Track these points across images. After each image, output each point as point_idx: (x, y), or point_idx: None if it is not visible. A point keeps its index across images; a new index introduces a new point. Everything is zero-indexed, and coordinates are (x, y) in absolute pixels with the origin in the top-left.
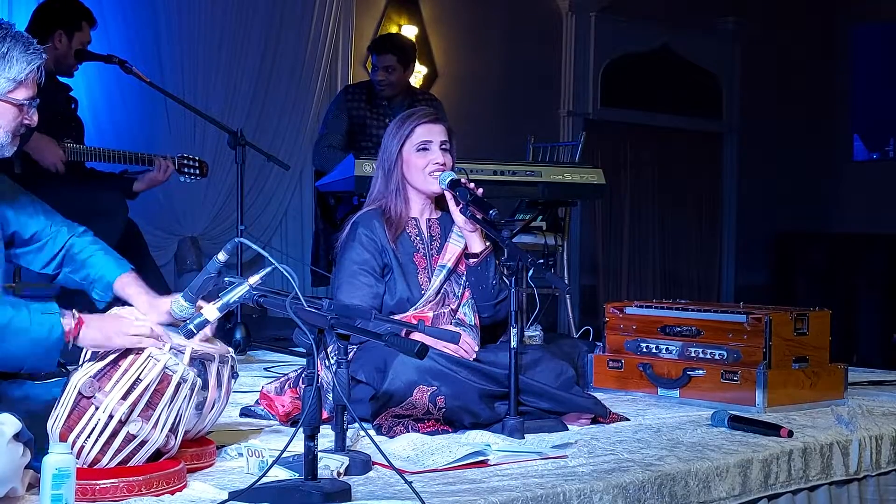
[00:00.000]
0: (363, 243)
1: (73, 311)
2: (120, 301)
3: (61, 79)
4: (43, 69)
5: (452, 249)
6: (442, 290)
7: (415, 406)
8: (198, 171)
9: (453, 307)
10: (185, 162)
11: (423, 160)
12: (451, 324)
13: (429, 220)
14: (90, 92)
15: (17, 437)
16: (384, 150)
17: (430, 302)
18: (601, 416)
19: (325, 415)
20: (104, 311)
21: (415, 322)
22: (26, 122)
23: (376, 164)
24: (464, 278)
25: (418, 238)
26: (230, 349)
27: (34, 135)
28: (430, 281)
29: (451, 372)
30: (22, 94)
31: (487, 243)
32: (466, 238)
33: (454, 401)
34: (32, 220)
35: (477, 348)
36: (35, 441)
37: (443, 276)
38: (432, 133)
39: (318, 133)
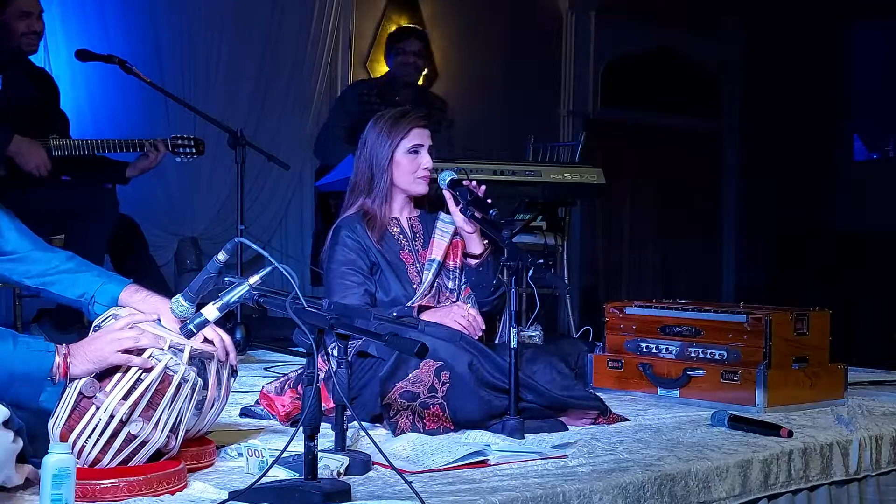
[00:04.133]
0: (347, 245)
1: (60, 346)
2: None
3: (54, 73)
4: None
5: (439, 244)
6: (435, 285)
7: (420, 381)
8: (194, 150)
9: (452, 300)
10: (179, 142)
11: (413, 163)
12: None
13: (409, 217)
14: (90, 91)
15: (7, 424)
16: (372, 148)
17: (425, 296)
18: (602, 412)
19: (330, 403)
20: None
21: (415, 321)
22: None
23: (358, 156)
24: (454, 272)
25: (402, 236)
26: None
27: (15, 138)
28: (420, 276)
29: (458, 349)
30: None
31: (486, 243)
32: (466, 239)
33: (458, 378)
34: (12, 234)
35: (482, 329)
36: (37, 439)
37: (434, 269)
38: (423, 136)
39: (321, 127)
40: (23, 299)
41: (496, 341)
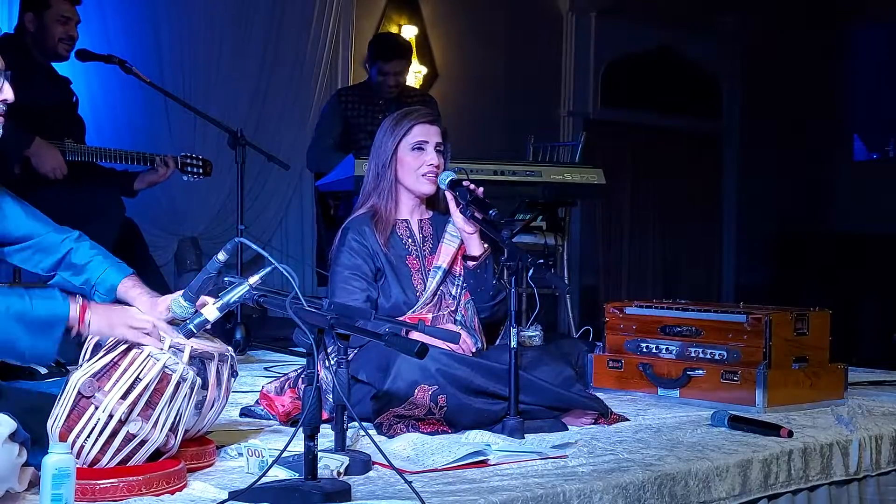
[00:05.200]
0: (354, 249)
1: (77, 296)
2: (120, 304)
3: (62, 74)
4: None
5: (447, 250)
6: (438, 292)
7: (416, 405)
8: (201, 171)
9: (451, 308)
10: (188, 161)
11: (417, 161)
12: (451, 324)
13: (420, 220)
14: (90, 92)
15: (12, 436)
16: (378, 147)
17: (427, 304)
18: (603, 414)
19: (324, 415)
20: None
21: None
22: (1, 98)
23: (369, 159)
24: (459, 279)
25: (410, 240)
26: (229, 347)
27: (36, 140)
28: (424, 283)
29: (452, 370)
30: None
31: (486, 245)
32: (465, 241)
33: (456, 399)
34: (22, 220)
35: (475, 348)
36: (37, 438)
37: (439, 277)
38: (429, 133)
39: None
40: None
41: (497, 342)
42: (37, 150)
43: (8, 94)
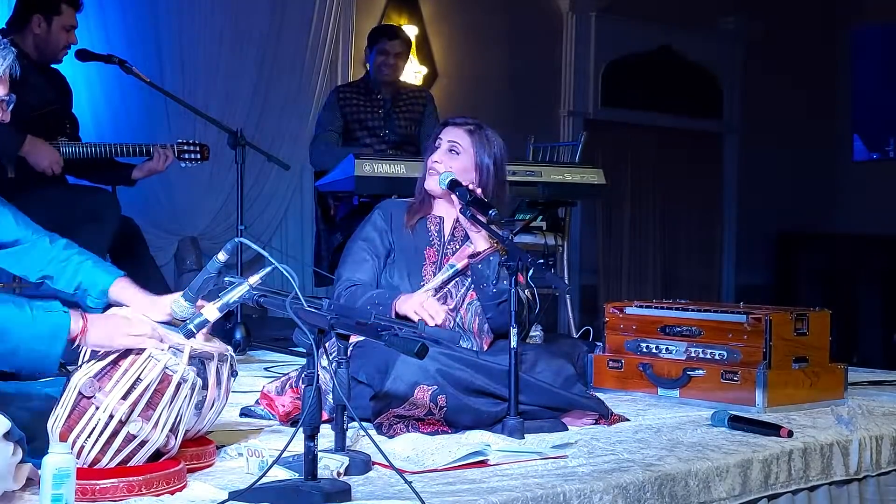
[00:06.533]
0: (375, 224)
1: (78, 309)
2: (113, 308)
3: (55, 66)
4: (17, 64)
5: (467, 251)
6: (445, 290)
7: (416, 406)
8: (198, 156)
9: (451, 307)
10: (185, 147)
11: (429, 159)
12: (449, 323)
13: (455, 220)
14: (90, 91)
15: (7, 435)
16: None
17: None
18: (603, 415)
19: (324, 416)
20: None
21: (413, 321)
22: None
23: None
24: (467, 279)
25: (437, 235)
26: (229, 347)
27: (28, 138)
28: (433, 276)
29: (452, 370)
30: None
31: (492, 243)
32: (472, 237)
33: (455, 399)
34: (12, 225)
35: (444, 313)
36: (36, 438)
37: (448, 274)
38: (447, 133)
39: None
40: (24, 290)
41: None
42: (31, 148)
43: (7, 116)
